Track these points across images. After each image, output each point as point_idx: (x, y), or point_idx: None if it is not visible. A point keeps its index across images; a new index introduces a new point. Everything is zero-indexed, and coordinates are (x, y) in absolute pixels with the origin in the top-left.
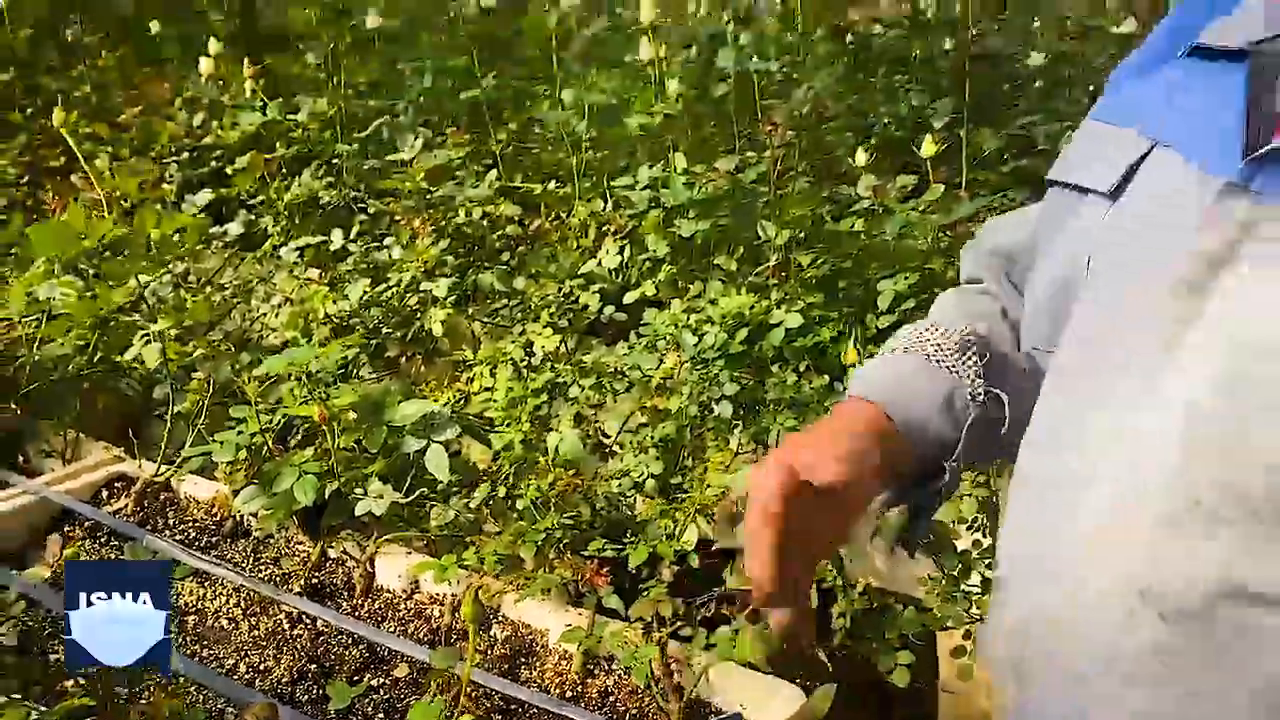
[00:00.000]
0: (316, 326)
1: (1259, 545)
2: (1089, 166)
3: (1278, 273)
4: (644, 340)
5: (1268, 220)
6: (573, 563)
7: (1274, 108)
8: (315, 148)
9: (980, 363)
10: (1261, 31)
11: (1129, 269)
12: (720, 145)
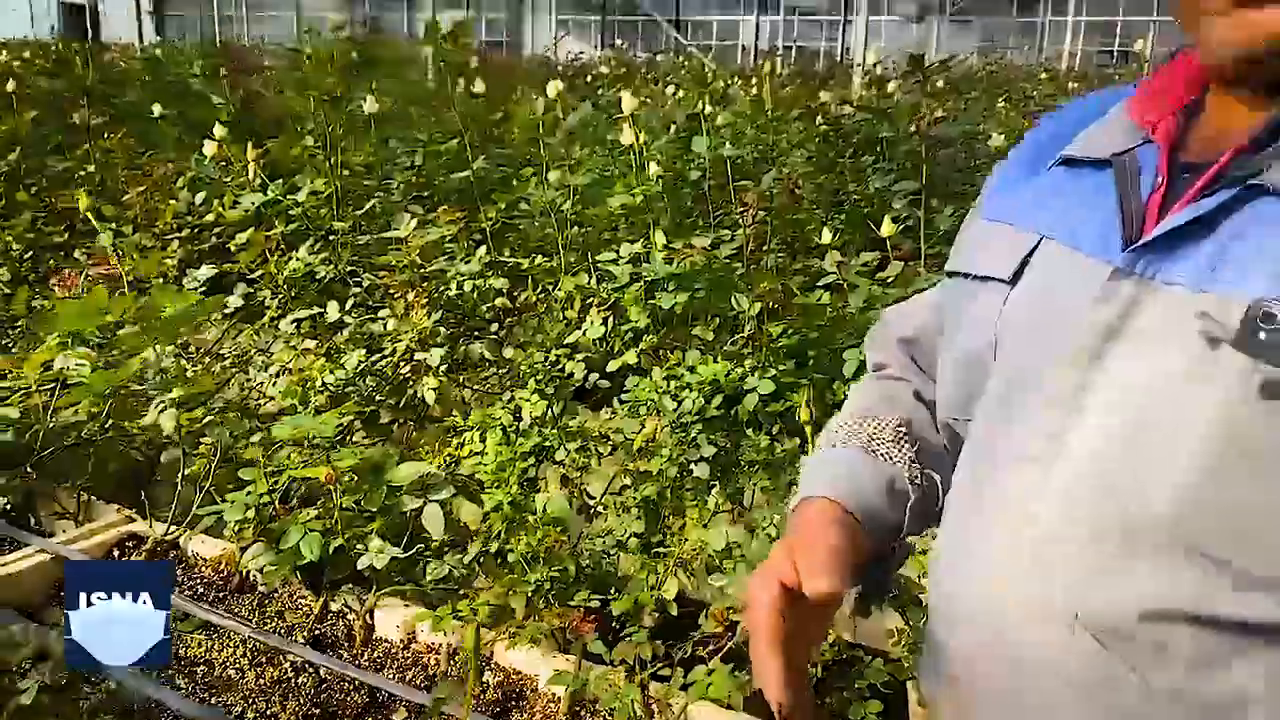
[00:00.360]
0: (314, 394)
1: (1165, 572)
2: (987, 259)
3: (1159, 342)
4: (626, 406)
5: (1149, 297)
6: (560, 612)
7: (1139, 205)
8: (312, 225)
9: (913, 449)
10: (1121, 145)
11: (1033, 342)
12: (697, 223)
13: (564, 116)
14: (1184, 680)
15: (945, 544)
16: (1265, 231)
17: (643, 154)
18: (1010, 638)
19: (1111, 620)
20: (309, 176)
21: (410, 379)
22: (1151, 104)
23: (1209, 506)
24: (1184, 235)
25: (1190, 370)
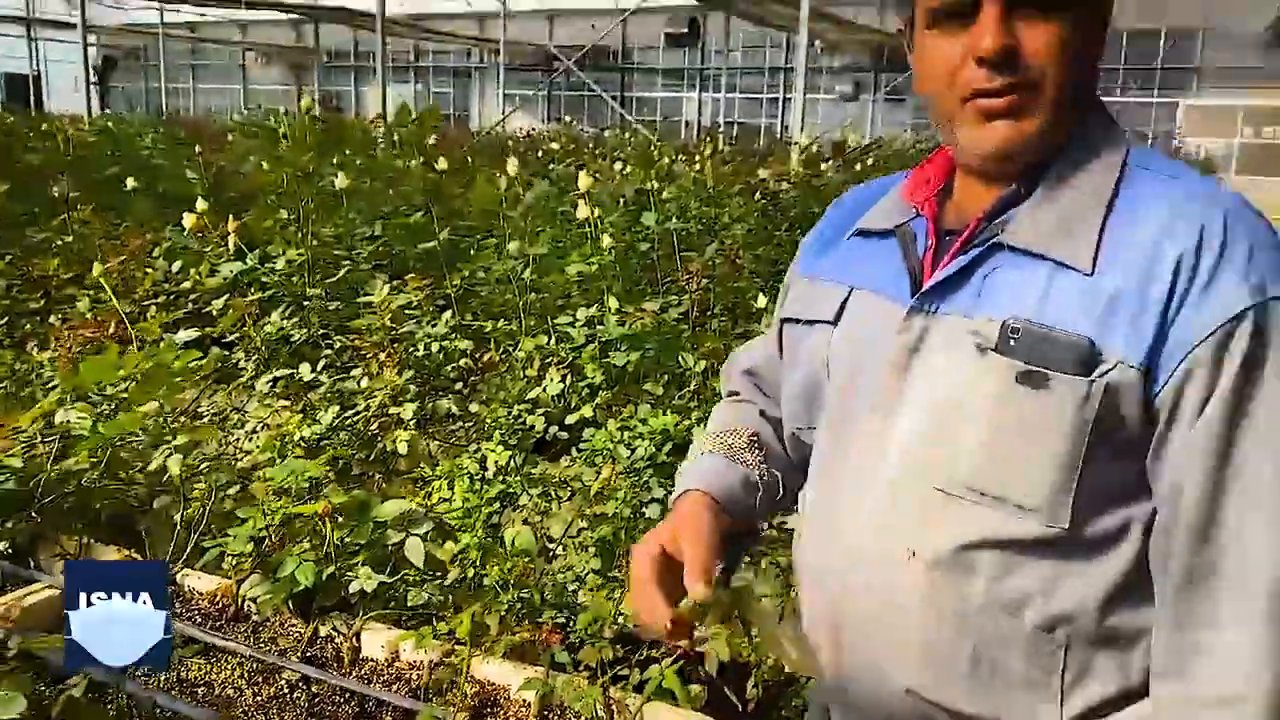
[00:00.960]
0: (291, 448)
1: (969, 514)
2: (813, 307)
3: (943, 359)
4: (583, 455)
5: (935, 325)
6: (530, 629)
7: (918, 261)
8: (286, 291)
9: (761, 454)
10: (899, 219)
11: (855, 364)
12: (647, 289)
13: (522, 192)
14: (986, 588)
15: (808, 522)
16: (1005, 274)
17: (597, 227)
18: (866, 577)
19: (936, 554)
20: (281, 247)
21: (380, 434)
22: (918, 189)
23: (991, 462)
24: (953, 281)
25: (970, 371)
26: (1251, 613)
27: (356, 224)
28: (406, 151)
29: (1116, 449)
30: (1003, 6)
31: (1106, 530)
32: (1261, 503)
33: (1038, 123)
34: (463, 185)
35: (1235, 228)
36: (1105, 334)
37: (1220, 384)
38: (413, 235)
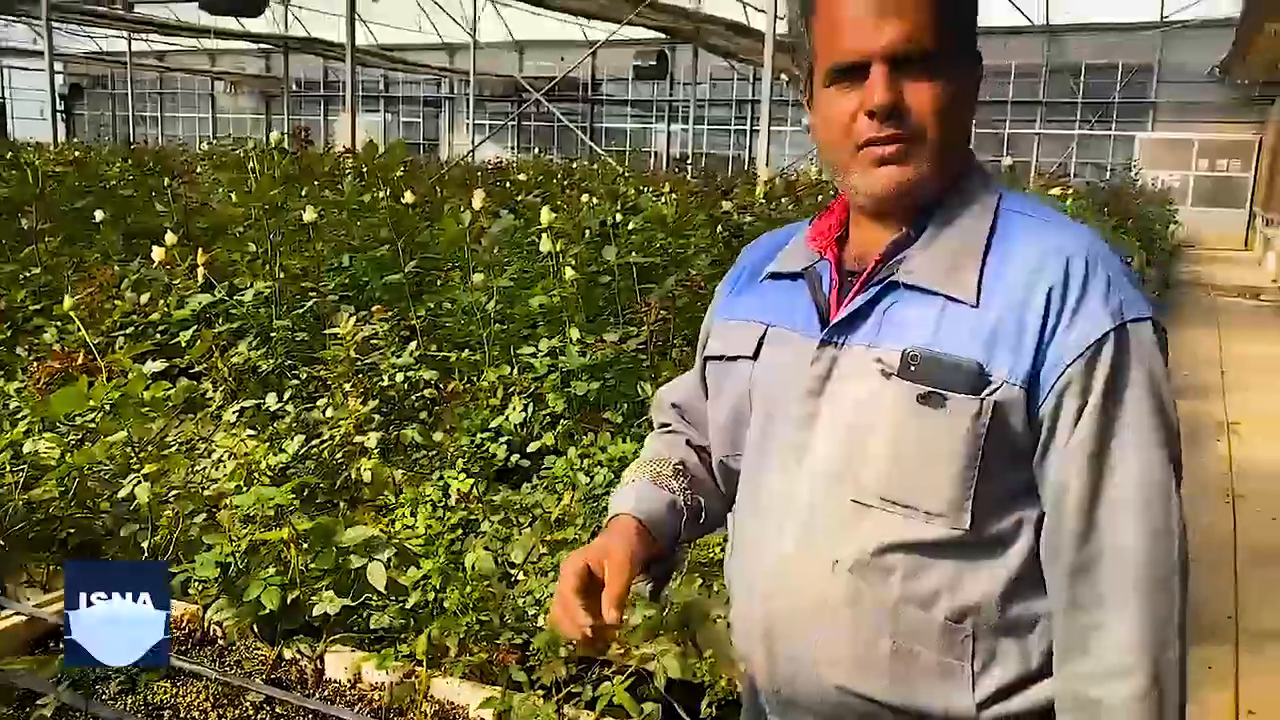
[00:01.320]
0: (258, 477)
1: (882, 521)
2: (734, 344)
3: (852, 385)
4: (544, 483)
5: (843, 355)
6: (488, 649)
7: (825, 300)
8: (253, 323)
9: (686, 481)
10: (805, 263)
11: (774, 393)
12: (609, 320)
13: (487, 225)
14: (901, 588)
15: (737, 538)
16: (902, 309)
17: (558, 260)
18: (794, 585)
19: (856, 559)
20: (249, 279)
21: (345, 462)
22: (820, 236)
23: (899, 475)
24: (857, 315)
25: (876, 394)
26: (1130, 593)
27: (324, 256)
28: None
29: (1007, 458)
30: (889, 68)
31: (1002, 530)
32: (1128, 499)
33: (921, 168)
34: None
35: (1095, 263)
36: (992, 358)
37: (1091, 397)
38: (379, 267)
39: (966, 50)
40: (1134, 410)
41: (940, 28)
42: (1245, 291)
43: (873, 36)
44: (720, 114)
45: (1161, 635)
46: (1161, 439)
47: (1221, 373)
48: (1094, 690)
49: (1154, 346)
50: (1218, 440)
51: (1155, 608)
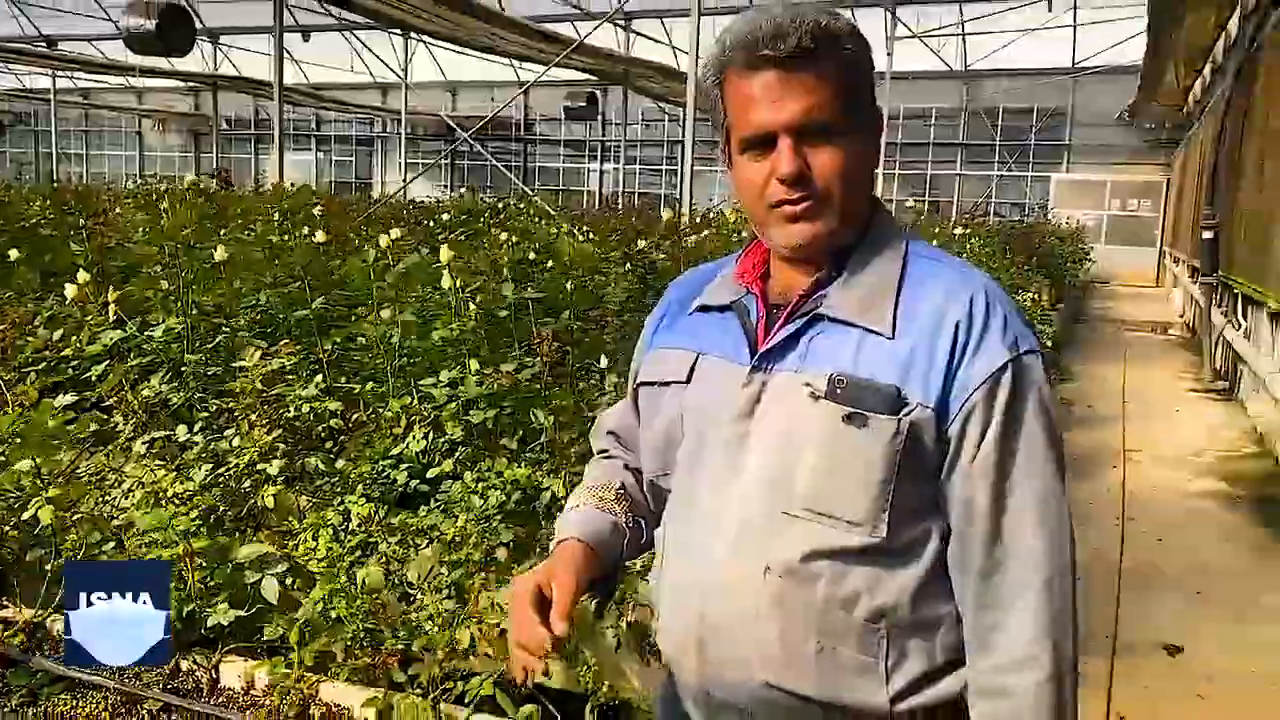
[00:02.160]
0: (164, 504)
1: (809, 529)
2: (666, 371)
3: (781, 407)
4: (440, 505)
5: (772, 379)
6: (372, 654)
7: (753, 330)
8: (164, 357)
9: (628, 504)
10: (733, 296)
11: (706, 415)
12: (508, 353)
13: (395, 263)
14: (826, 591)
15: (668, 551)
16: (825, 339)
17: (458, 295)
18: (727, 590)
19: (786, 565)
20: (161, 315)
21: (251, 490)
22: (746, 271)
23: (824, 487)
24: (784, 344)
25: (804, 415)
26: (1030, 595)
27: (238, 293)
28: (291, 223)
29: (918, 473)
30: (795, 138)
31: (913, 538)
32: (1027, 509)
33: (829, 223)
34: (346, 255)
35: (993, 302)
36: (907, 383)
37: (993, 420)
38: (290, 304)
39: (864, 111)
40: (1029, 430)
41: (836, 99)
42: (1153, 326)
43: (778, 112)
44: (652, 153)
45: (1059, 627)
46: (1053, 454)
47: (1124, 403)
48: (1003, 679)
49: (1042, 374)
50: (1114, 467)
51: (1053, 603)
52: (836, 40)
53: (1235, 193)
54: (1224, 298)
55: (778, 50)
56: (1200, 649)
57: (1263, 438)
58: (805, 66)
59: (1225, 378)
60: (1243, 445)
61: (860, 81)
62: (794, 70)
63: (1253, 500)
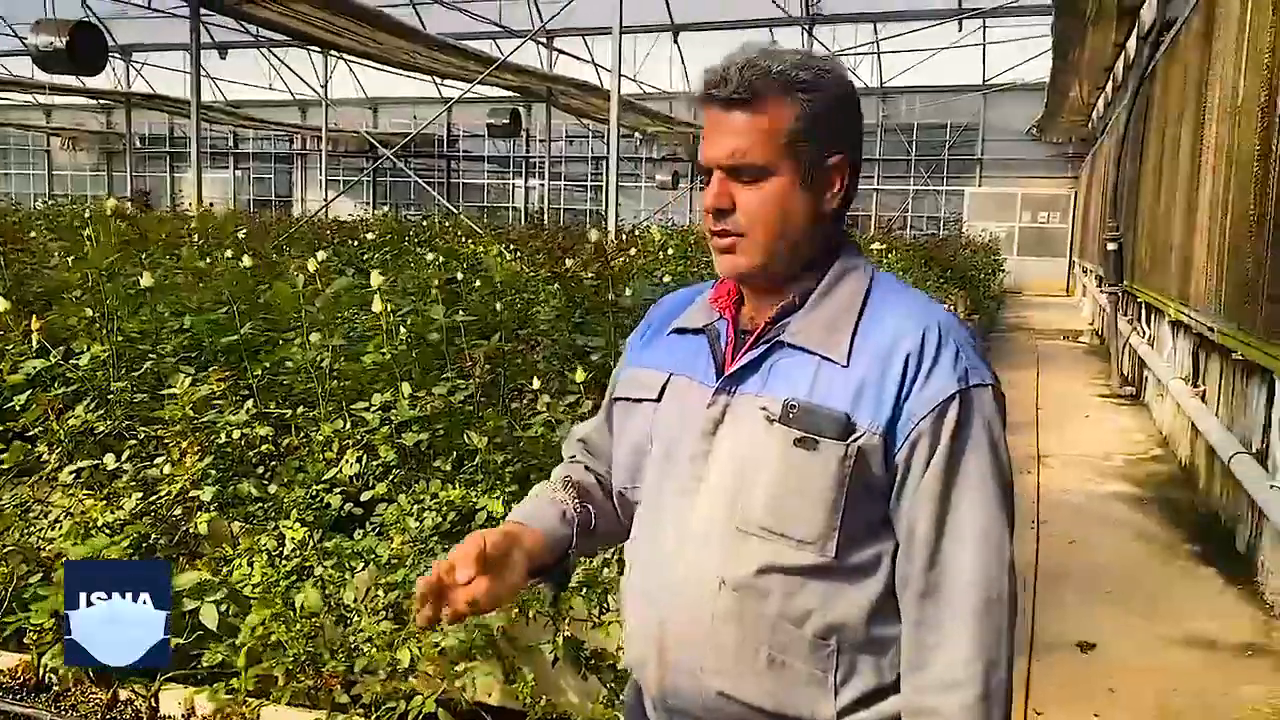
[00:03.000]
0: (95, 533)
1: (763, 546)
2: (640, 389)
3: (744, 426)
4: (375, 528)
5: (735, 400)
6: (313, 677)
7: (722, 354)
8: (90, 385)
9: (575, 493)
10: (706, 321)
11: (674, 432)
12: (440, 376)
13: (323, 287)
14: (778, 606)
15: (635, 559)
16: (785, 365)
17: (389, 319)
18: (685, 601)
19: (740, 579)
20: (85, 343)
21: (183, 518)
22: (720, 298)
23: (777, 507)
24: (747, 369)
25: (760, 437)
26: (964, 619)
27: (164, 319)
28: (213, 247)
29: (867, 497)
30: (723, 175)
31: (864, 559)
32: (966, 536)
33: (749, 259)
34: (272, 278)
35: (946, 335)
36: (857, 409)
37: (938, 448)
38: (217, 329)
39: (816, 153)
40: (973, 461)
41: (770, 142)
42: (1064, 334)
43: (712, 148)
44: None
45: (991, 654)
46: (996, 486)
47: (1037, 409)
48: (931, 700)
49: (993, 408)
50: (1028, 473)
51: (986, 630)
52: (788, 86)
53: (1136, 206)
54: (1129, 307)
55: (721, 91)
56: (1111, 645)
57: (1167, 441)
58: (744, 108)
59: (1132, 383)
60: (1149, 448)
61: (814, 126)
62: (731, 110)
63: (1159, 501)
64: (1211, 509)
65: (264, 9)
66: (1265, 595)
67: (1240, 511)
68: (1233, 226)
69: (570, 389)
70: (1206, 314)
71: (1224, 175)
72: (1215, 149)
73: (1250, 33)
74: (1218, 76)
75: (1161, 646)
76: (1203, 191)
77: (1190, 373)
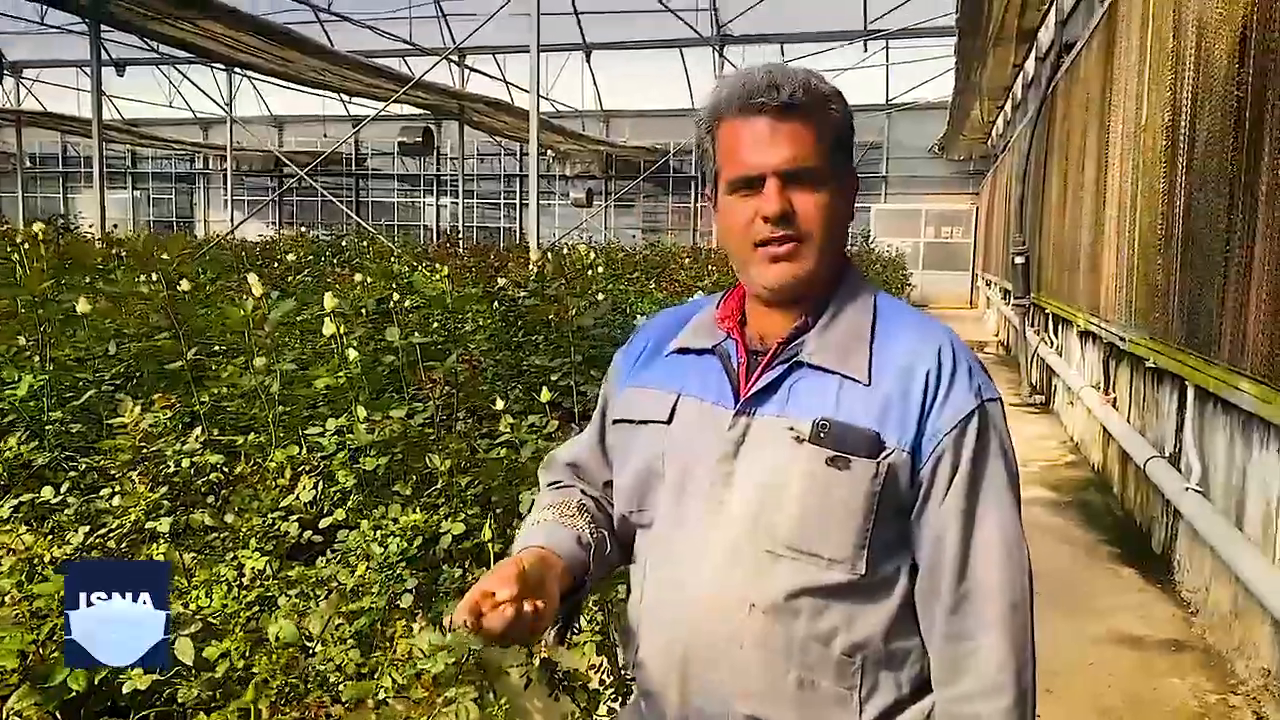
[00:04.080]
0: (42, 570)
1: (792, 568)
2: (643, 410)
3: (765, 449)
4: (337, 556)
5: (756, 423)
6: (298, 709)
7: (735, 375)
8: (24, 416)
9: (589, 518)
10: (713, 341)
11: (691, 455)
12: (394, 398)
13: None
14: (806, 627)
15: (650, 584)
16: (806, 385)
17: (342, 342)
18: (710, 624)
19: (769, 602)
20: (15, 373)
21: (133, 552)
22: (726, 317)
23: (807, 527)
24: (766, 389)
25: (788, 457)
26: (995, 627)
27: (100, 347)
28: (140, 271)
29: (893, 513)
30: (781, 181)
31: (888, 575)
32: (993, 548)
33: (808, 265)
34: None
35: (958, 353)
36: (884, 427)
37: (961, 463)
38: (159, 355)
39: (845, 166)
40: (993, 473)
41: (822, 150)
42: (972, 345)
43: (768, 155)
44: (490, 187)
45: (1023, 656)
46: (1012, 494)
47: None
48: (974, 706)
49: (1002, 420)
50: None
51: (1017, 634)
52: (824, 99)
53: (1042, 221)
54: (1037, 318)
55: (772, 99)
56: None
57: (1078, 447)
58: (796, 117)
59: (1041, 392)
60: (1062, 455)
61: (842, 140)
62: (785, 119)
63: (1076, 505)
64: (1127, 511)
65: (169, 25)
66: (1182, 593)
67: (1155, 513)
68: (1141, 240)
69: (535, 408)
70: (1117, 324)
71: (1131, 191)
72: (1121, 166)
73: (1152, 56)
74: (1120, 96)
75: (1090, 645)
76: (1109, 207)
77: (1101, 380)
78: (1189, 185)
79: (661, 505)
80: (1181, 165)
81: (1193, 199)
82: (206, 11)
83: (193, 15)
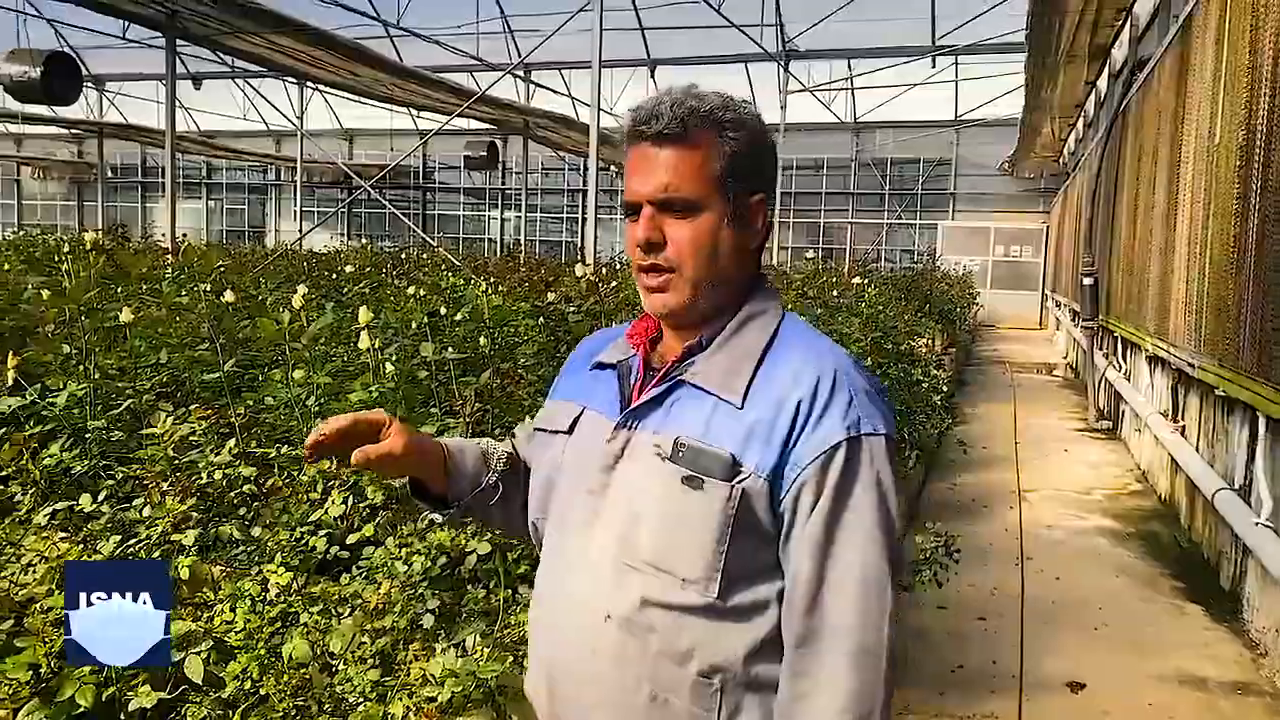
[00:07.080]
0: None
1: (647, 582)
2: (554, 421)
3: (638, 464)
4: (362, 572)
5: (634, 436)
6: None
7: (629, 389)
8: (66, 424)
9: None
10: (622, 356)
11: (579, 465)
12: (428, 413)
13: (307, 323)
14: (661, 643)
15: (538, 590)
16: (685, 403)
17: (378, 356)
18: (574, 634)
19: (625, 613)
20: (62, 380)
21: (164, 561)
22: (638, 335)
23: (663, 544)
24: (650, 405)
25: (651, 474)
26: (839, 667)
27: (142, 356)
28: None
29: (753, 539)
30: (654, 210)
31: (749, 601)
32: (846, 584)
33: (679, 297)
34: (252, 313)
35: (841, 382)
36: (745, 451)
37: (823, 495)
38: (199, 365)
39: (735, 192)
40: (859, 507)
41: (699, 178)
42: (1039, 367)
43: (642, 183)
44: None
45: (866, 706)
46: (880, 536)
47: (1016, 444)
48: None
49: (884, 458)
50: (1011, 509)
51: (861, 683)
52: (715, 125)
53: (1111, 242)
54: (1105, 341)
55: (650, 128)
56: (1101, 684)
57: (1145, 475)
58: (674, 144)
59: (1109, 418)
60: (1127, 483)
61: (739, 165)
62: (663, 146)
63: (1140, 536)
64: (1194, 544)
65: (241, 40)
66: (1251, 633)
67: (1224, 548)
68: (1212, 264)
69: None
70: (1186, 349)
71: (1203, 212)
72: (1193, 186)
73: (1228, 75)
74: (1194, 115)
75: (1152, 685)
76: (1180, 228)
77: (1169, 407)
78: (1263, 208)
79: (552, 514)
80: (1256, 187)
81: (1267, 223)
82: (279, 27)
83: (265, 30)
